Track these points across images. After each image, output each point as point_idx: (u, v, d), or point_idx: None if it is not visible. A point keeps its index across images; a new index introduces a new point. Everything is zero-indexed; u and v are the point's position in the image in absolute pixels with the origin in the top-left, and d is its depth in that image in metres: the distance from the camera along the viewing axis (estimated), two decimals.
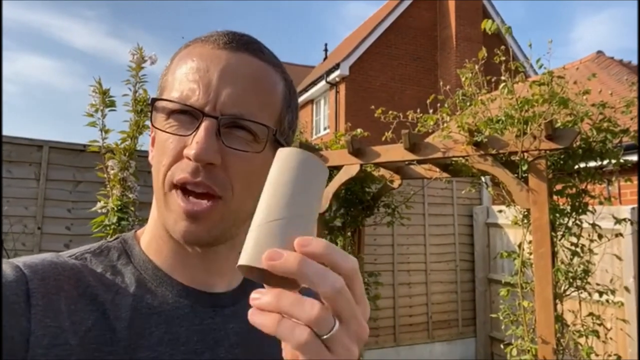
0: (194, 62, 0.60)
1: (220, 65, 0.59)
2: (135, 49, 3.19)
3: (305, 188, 0.46)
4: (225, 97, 0.58)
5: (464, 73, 3.24)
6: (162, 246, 0.65)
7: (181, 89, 0.59)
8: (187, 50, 0.63)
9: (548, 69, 2.92)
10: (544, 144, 2.71)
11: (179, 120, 0.59)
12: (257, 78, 0.61)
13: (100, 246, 0.65)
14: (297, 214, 0.45)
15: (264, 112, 0.61)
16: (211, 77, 0.58)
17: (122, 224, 3.12)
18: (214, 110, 0.57)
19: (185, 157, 0.57)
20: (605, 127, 2.78)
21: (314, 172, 0.47)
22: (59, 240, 4.34)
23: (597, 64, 7.75)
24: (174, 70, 0.62)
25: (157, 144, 0.62)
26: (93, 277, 0.59)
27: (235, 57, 0.60)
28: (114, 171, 3.15)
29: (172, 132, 0.59)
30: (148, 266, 0.63)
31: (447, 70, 14.26)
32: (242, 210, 0.62)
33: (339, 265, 0.42)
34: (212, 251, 0.64)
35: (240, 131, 0.59)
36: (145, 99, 3.22)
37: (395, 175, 4.18)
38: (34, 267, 0.55)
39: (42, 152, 4.33)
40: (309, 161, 0.47)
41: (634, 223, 3.43)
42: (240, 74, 0.60)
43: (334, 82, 14.10)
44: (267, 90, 0.62)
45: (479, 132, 2.96)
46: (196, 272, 0.65)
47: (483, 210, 6.61)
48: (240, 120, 0.58)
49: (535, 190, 2.76)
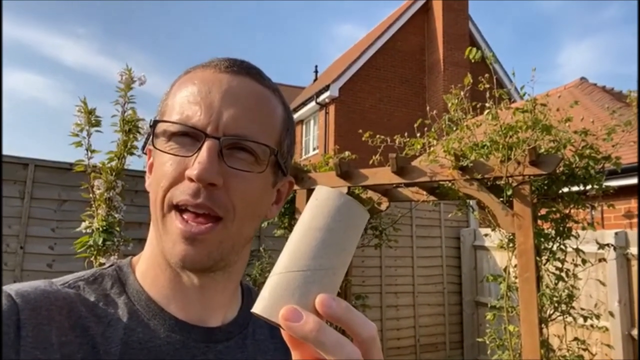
0: (195, 85, 0.60)
1: (222, 87, 0.59)
2: (124, 70, 3.19)
3: (338, 238, 0.43)
4: (227, 118, 0.58)
5: (450, 99, 3.30)
6: (159, 275, 0.63)
7: (182, 111, 0.59)
8: (188, 76, 0.63)
9: (531, 96, 2.99)
10: (528, 170, 2.76)
11: (180, 143, 0.58)
12: (258, 101, 0.61)
13: (94, 273, 0.63)
14: (324, 266, 0.42)
15: (265, 134, 0.61)
16: (213, 99, 0.58)
17: (106, 245, 3.08)
18: (216, 131, 0.57)
19: (186, 178, 0.56)
20: (587, 154, 2.84)
21: (351, 221, 0.43)
22: (42, 260, 4.27)
23: (580, 90, 7.93)
24: (174, 94, 0.62)
25: (157, 167, 0.61)
26: (85, 307, 0.58)
27: (236, 80, 0.61)
28: (100, 191, 3.13)
29: (174, 153, 0.58)
30: (142, 297, 0.62)
31: (435, 93, 14.49)
32: (242, 234, 0.61)
33: (358, 331, 0.41)
34: (209, 280, 0.63)
35: (241, 152, 0.59)
36: (134, 119, 3.21)
37: (383, 198, 4.20)
38: (26, 297, 0.54)
39: (27, 171, 4.29)
40: (347, 207, 0.43)
41: (617, 248, 3.48)
42: (242, 96, 0.60)
43: (324, 103, 14.23)
44: (267, 113, 0.62)
45: (465, 157, 3.00)
46: (192, 304, 0.63)
47: (470, 233, 6.64)
48: (242, 141, 0.58)
49: (520, 215, 2.80)
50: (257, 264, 4.82)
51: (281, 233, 4.46)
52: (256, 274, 4.78)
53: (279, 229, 4.52)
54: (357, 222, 0.44)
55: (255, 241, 4.97)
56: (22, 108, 54.24)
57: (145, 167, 0.69)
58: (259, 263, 4.82)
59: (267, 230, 4.85)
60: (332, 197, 0.43)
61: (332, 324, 0.41)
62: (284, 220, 4.44)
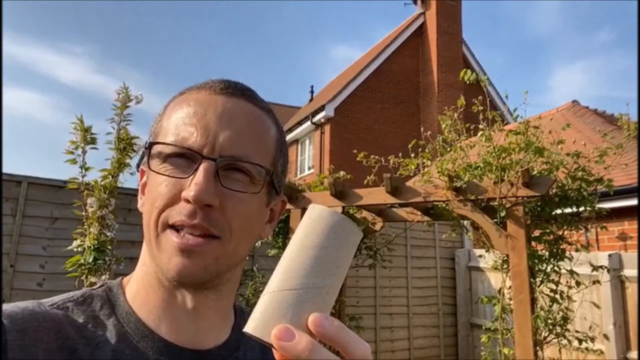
0: (190, 107, 0.61)
1: (218, 109, 0.60)
2: (121, 88, 3.21)
3: (332, 256, 0.42)
4: (223, 139, 0.58)
5: (444, 120, 3.33)
6: (150, 296, 0.62)
7: (178, 132, 0.59)
8: (182, 97, 0.64)
9: (524, 119, 3.02)
10: (521, 191, 2.77)
11: (176, 164, 0.58)
12: (253, 122, 0.62)
13: (83, 294, 0.63)
14: (317, 285, 0.41)
15: (260, 155, 0.61)
16: (209, 120, 0.59)
17: (97, 263, 3.05)
18: (213, 152, 0.57)
19: (183, 199, 0.56)
20: (580, 176, 2.87)
21: (345, 239, 0.43)
22: (32, 279, 4.21)
23: (572, 113, 8.04)
24: (169, 116, 0.62)
25: (151, 188, 0.61)
26: (74, 328, 0.57)
27: (231, 101, 0.61)
28: (92, 209, 3.11)
29: (169, 174, 0.58)
30: (131, 319, 0.61)
31: (430, 114, 14.62)
32: (238, 253, 0.61)
33: (351, 352, 0.40)
34: (202, 299, 0.62)
35: (237, 173, 0.59)
36: (129, 138, 3.22)
37: (377, 218, 4.20)
38: (14, 317, 0.54)
39: (20, 188, 4.26)
40: (341, 225, 0.43)
41: (610, 270, 3.47)
42: (237, 118, 0.60)
43: (319, 123, 14.31)
44: (262, 134, 0.63)
45: (459, 177, 3.01)
46: (183, 325, 0.62)
47: (465, 254, 6.63)
48: (238, 162, 0.58)
49: (514, 236, 2.80)
50: (250, 283, 4.77)
51: (275, 252, 4.43)
52: (249, 294, 4.73)
53: (272, 248, 4.49)
54: (350, 240, 0.44)
55: (248, 260, 4.93)
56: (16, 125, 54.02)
57: (138, 185, 0.69)
58: (252, 283, 4.77)
59: (260, 250, 4.82)
60: (326, 215, 0.43)
61: (325, 343, 0.41)
62: (278, 240, 4.42)
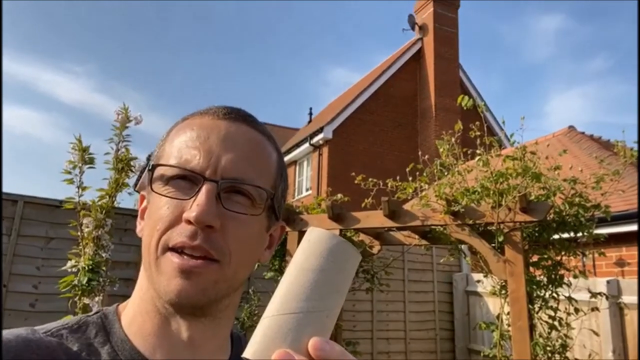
0: (194, 131, 0.61)
1: (221, 133, 0.61)
2: (120, 109, 3.22)
3: (331, 279, 0.42)
4: (225, 162, 0.59)
5: (441, 144, 3.35)
6: (146, 323, 0.61)
7: (181, 155, 0.59)
8: (185, 122, 0.65)
9: (521, 144, 3.04)
10: (519, 216, 2.77)
11: (178, 186, 0.59)
12: (255, 146, 0.63)
13: (78, 321, 0.62)
14: (317, 308, 0.41)
15: (262, 178, 0.62)
16: (212, 144, 0.59)
17: (92, 285, 3.02)
18: (215, 175, 0.58)
19: (184, 220, 0.56)
20: (577, 202, 2.87)
21: (344, 262, 0.43)
22: (25, 299, 4.15)
23: (569, 138, 8.10)
24: (172, 140, 0.63)
25: (152, 211, 0.61)
26: (68, 356, 0.56)
27: (234, 126, 0.63)
28: (88, 229, 3.09)
29: (171, 196, 0.58)
30: (126, 347, 0.60)
31: (427, 137, 14.72)
32: (236, 278, 0.60)
33: None
34: (199, 327, 0.61)
35: (238, 196, 0.59)
36: (127, 158, 3.22)
37: (374, 241, 4.18)
38: (7, 345, 0.53)
39: (16, 207, 4.24)
40: (340, 248, 0.43)
41: (609, 297, 3.45)
42: (240, 142, 0.61)
43: (318, 144, 14.37)
44: (264, 159, 0.64)
45: (456, 202, 3.01)
46: (178, 354, 0.61)
47: (462, 278, 6.58)
48: (240, 185, 0.59)
49: (512, 261, 2.78)
50: (245, 307, 4.71)
51: (271, 275, 4.39)
52: (244, 317, 4.67)
53: (269, 271, 4.45)
54: (349, 263, 0.44)
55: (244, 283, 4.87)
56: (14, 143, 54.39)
57: (136, 206, 0.68)
58: (248, 306, 4.72)
59: (257, 272, 4.77)
60: (325, 238, 0.43)
61: None
62: (275, 263, 4.39)
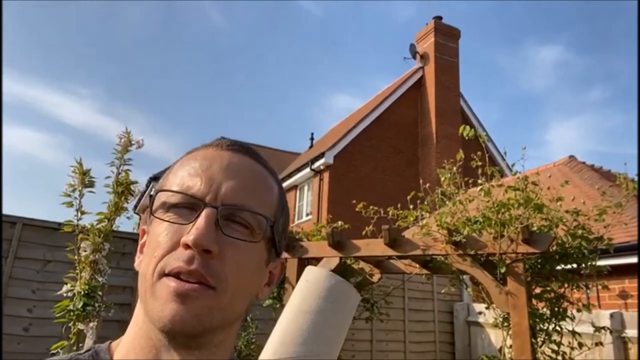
0: (197, 161, 0.62)
1: (224, 162, 0.62)
2: (123, 133, 3.24)
3: (329, 321, 0.41)
4: (226, 189, 0.59)
5: (443, 173, 3.34)
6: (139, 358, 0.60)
7: (183, 183, 0.60)
8: (190, 154, 0.66)
9: (522, 173, 3.04)
10: (521, 248, 2.74)
11: (179, 213, 0.58)
12: (257, 177, 0.64)
13: (70, 359, 0.60)
14: (314, 352, 0.40)
15: (262, 208, 0.61)
16: (214, 172, 0.60)
17: (87, 310, 2.98)
18: (215, 201, 0.58)
19: (182, 244, 0.55)
20: (580, 234, 2.84)
21: (342, 302, 0.42)
22: (19, 323, 4.08)
23: (569, 168, 8.11)
24: (175, 171, 0.64)
25: (151, 239, 0.60)
26: None
27: (237, 157, 0.64)
28: (85, 253, 3.06)
29: (172, 221, 0.58)
30: None
31: (428, 164, 14.77)
32: (233, 309, 0.59)
33: None
34: None
35: (238, 225, 0.59)
36: (127, 182, 3.21)
37: (375, 269, 4.13)
38: None
39: (14, 229, 4.21)
40: (338, 288, 0.42)
41: (613, 331, 3.39)
42: (242, 172, 0.62)
43: (319, 169, 14.40)
44: (265, 190, 0.64)
45: (458, 232, 2.99)
46: None
47: (464, 307, 6.49)
48: (240, 212, 0.59)
49: (515, 294, 2.74)
50: (243, 334, 4.63)
51: (269, 303, 4.33)
52: (242, 346, 4.58)
53: (267, 298, 4.39)
54: (348, 304, 0.43)
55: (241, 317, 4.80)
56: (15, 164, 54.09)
57: (135, 229, 0.67)
58: (246, 334, 4.63)
59: None
60: (323, 278, 0.43)
61: None
62: (273, 290, 4.32)
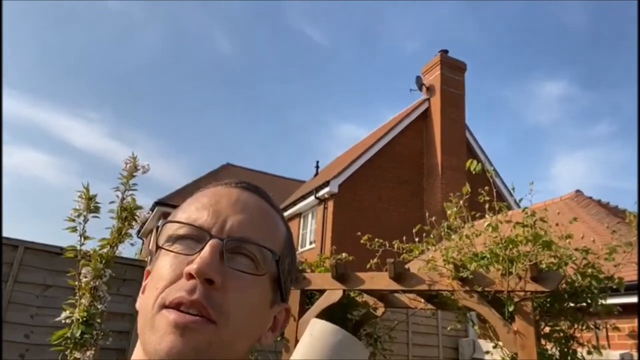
0: (205, 197, 0.63)
1: (232, 198, 0.63)
2: (129, 158, 3.24)
3: None
4: (233, 222, 0.59)
5: (449, 207, 3.31)
6: None
7: (189, 216, 0.61)
8: (199, 192, 0.67)
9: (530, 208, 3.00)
10: (530, 286, 2.68)
11: (184, 245, 0.58)
12: (264, 214, 0.64)
13: None
14: None
15: (269, 243, 0.61)
16: (221, 206, 0.61)
17: (84, 338, 2.92)
18: (221, 233, 0.58)
19: (185, 274, 0.54)
20: (589, 273, 2.78)
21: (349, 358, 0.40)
22: (15, 349, 4.01)
23: (576, 202, 8.05)
24: (184, 207, 0.64)
25: (155, 273, 0.59)
26: None
27: (245, 194, 0.65)
28: (86, 279, 3.02)
29: (177, 251, 0.58)
30: None
31: (433, 195, 14.72)
32: (233, 347, 0.56)
33: None
34: None
35: (243, 258, 0.58)
36: (132, 207, 3.20)
37: (379, 303, 4.06)
38: None
39: (16, 252, 4.18)
40: (344, 345, 0.40)
41: None
42: (249, 207, 0.62)
43: (323, 198, 14.37)
44: (272, 226, 0.64)
45: (465, 267, 2.94)
46: None
47: (469, 344, 6.33)
48: (246, 244, 0.58)
49: (523, 333, 2.67)
50: None
51: None
52: None
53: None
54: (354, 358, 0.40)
55: None
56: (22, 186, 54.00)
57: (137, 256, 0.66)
58: None
59: None
60: (329, 333, 0.40)
61: None
62: None
